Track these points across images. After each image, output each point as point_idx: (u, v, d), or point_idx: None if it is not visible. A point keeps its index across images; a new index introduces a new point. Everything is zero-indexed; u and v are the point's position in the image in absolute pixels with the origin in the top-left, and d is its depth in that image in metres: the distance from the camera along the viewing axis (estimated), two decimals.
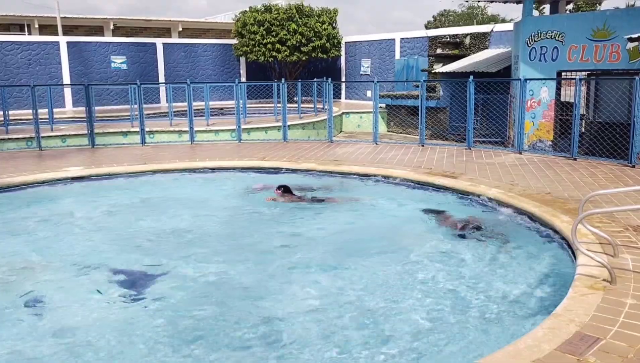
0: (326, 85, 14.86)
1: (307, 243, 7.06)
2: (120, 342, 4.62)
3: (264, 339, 4.64)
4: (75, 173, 10.56)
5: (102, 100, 20.37)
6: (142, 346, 4.55)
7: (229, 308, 5.25)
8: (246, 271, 6.13)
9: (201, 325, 4.89)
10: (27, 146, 13.77)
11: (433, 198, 9.10)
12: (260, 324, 4.89)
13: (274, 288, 5.67)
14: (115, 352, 4.47)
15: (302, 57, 21.65)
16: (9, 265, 6.38)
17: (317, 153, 12.62)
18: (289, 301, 5.36)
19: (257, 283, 5.82)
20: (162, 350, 4.48)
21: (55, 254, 6.74)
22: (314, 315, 5.04)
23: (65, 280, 6.00)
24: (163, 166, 11.25)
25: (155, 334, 4.75)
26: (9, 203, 9.01)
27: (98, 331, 4.81)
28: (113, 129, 14.93)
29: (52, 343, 4.62)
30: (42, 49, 20.39)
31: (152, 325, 4.91)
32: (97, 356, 4.42)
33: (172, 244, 7.08)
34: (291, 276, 5.97)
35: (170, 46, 22.86)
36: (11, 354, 4.46)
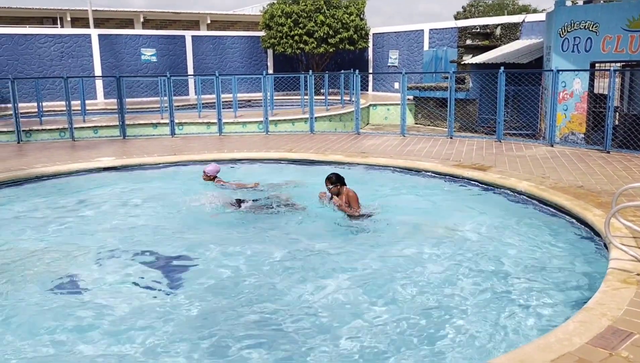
0: (353, 77, 14.81)
1: (333, 236, 7.07)
2: (150, 327, 4.72)
3: (301, 329, 4.68)
4: (107, 163, 10.77)
5: (133, 92, 20.68)
6: (172, 332, 4.64)
7: (261, 297, 5.30)
8: (277, 260, 6.17)
9: (231, 315, 4.94)
10: (60, 136, 14.08)
11: (462, 190, 9.02)
12: (296, 314, 4.94)
13: (308, 276, 5.71)
14: (146, 337, 4.57)
15: (329, 49, 21.60)
16: (44, 252, 6.54)
17: (343, 145, 12.60)
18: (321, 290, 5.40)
19: (289, 272, 5.84)
20: (192, 337, 4.56)
21: (88, 242, 6.89)
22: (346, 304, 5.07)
23: (97, 267, 6.13)
24: (192, 157, 11.39)
25: (186, 321, 4.83)
26: (43, 192, 9.23)
27: (131, 317, 4.92)
28: (143, 120, 15.17)
29: (87, 328, 4.73)
30: (74, 41, 20.78)
31: (182, 312, 5.00)
32: (129, 340, 4.52)
33: (204, 233, 7.15)
34: (325, 265, 6.01)
35: (198, 38, 23.06)
36: (50, 337, 4.60)
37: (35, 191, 9.32)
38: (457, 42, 19.30)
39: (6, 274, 5.89)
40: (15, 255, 6.46)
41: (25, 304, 5.20)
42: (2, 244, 6.82)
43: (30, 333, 4.66)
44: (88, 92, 18.34)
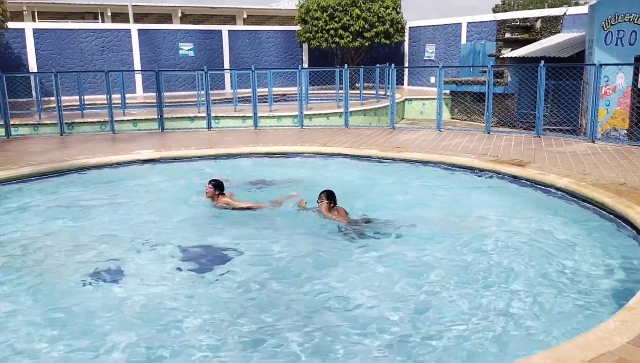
0: (389, 71, 14.72)
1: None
2: (189, 315, 4.82)
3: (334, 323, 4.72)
4: (146, 156, 11.00)
5: (171, 86, 21.02)
6: (210, 320, 4.73)
7: (296, 286, 5.35)
8: (317, 253, 6.21)
9: (265, 307, 5.00)
10: (101, 129, 14.45)
11: (500, 186, 8.89)
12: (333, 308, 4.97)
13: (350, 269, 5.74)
14: (184, 325, 4.68)
15: (364, 43, 21.50)
16: (85, 241, 6.74)
17: (378, 140, 12.56)
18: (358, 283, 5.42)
19: (327, 264, 5.88)
20: (229, 326, 4.65)
21: (128, 232, 7.06)
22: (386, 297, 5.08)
23: (136, 257, 6.28)
24: (228, 151, 11.53)
25: (224, 310, 4.92)
26: (85, 183, 9.50)
27: (166, 305, 5.04)
28: (180, 114, 15.43)
29: (127, 317, 4.86)
30: (114, 36, 21.25)
31: (220, 301, 5.09)
32: (170, 328, 4.64)
33: (241, 224, 7.23)
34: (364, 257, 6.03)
35: (235, 33, 23.27)
36: (94, 322, 4.75)
37: (78, 182, 9.59)
38: (496, 36, 18.94)
39: (48, 262, 6.10)
40: (57, 243, 6.68)
41: (64, 291, 5.37)
42: (46, 233, 7.05)
43: (70, 320, 4.82)
44: (128, 86, 18.74)
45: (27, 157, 10.84)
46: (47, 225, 7.35)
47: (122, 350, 4.30)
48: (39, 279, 5.66)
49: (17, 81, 16.56)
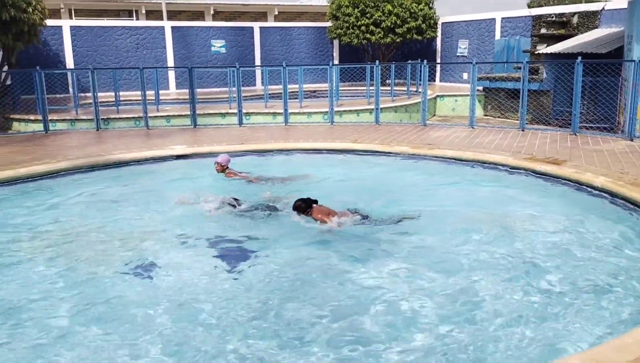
0: (421, 67, 14.58)
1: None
2: (222, 311, 4.88)
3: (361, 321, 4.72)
4: (179, 151, 11.16)
5: (203, 82, 21.25)
6: (239, 317, 4.79)
7: (327, 287, 5.37)
8: (347, 249, 6.22)
9: (295, 304, 5.03)
10: (135, 125, 14.71)
11: (535, 185, 8.74)
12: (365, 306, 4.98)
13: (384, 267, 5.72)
14: (217, 318, 4.74)
15: (396, 39, 21.35)
16: (120, 234, 6.87)
17: (409, 136, 12.47)
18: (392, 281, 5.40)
19: (361, 265, 5.88)
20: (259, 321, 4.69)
21: (163, 225, 7.18)
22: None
23: (171, 249, 6.39)
24: (259, 147, 11.61)
25: (254, 305, 4.97)
26: (120, 178, 9.70)
27: (203, 298, 5.11)
28: (212, 110, 15.59)
29: (161, 311, 4.94)
30: (148, 33, 21.59)
31: (248, 293, 5.14)
32: (202, 322, 4.71)
33: (272, 219, 7.28)
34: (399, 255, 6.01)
35: (266, 29, 23.38)
36: (130, 312, 4.85)
37: (113, 176, 9.79)
38: (531, 31, 18.59)
39: (84, 254, 6.24)
40: (93, 236, 6.83)
41: (100, 283, 5.49)
42: (82, 226, 7.22)
43: (107, 310, 4.94)
44: (161, 83, 19.01)
45: (65, 151, 11.12)
46: (84, 218, 7.53)
47: (157, 339, 4.39)
48: (75, 270, 5.80)
49: (55, 77, 16.99)
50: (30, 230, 7.06)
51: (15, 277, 5.67)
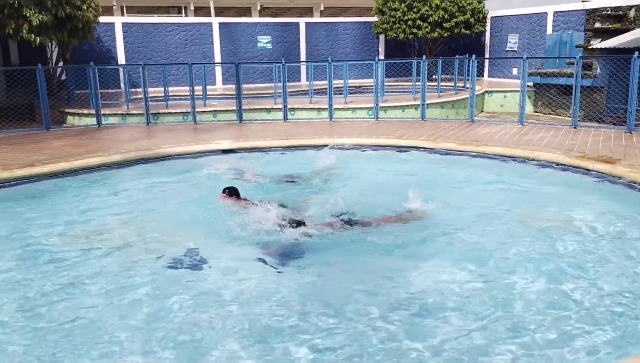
0: (469, 62, 14.29)
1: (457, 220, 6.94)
2: (267, 307, 4.92)
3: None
4: (225, 146, 11.33)
5: (249, 78, 21.50)
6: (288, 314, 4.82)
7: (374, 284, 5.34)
8: (394, 246, 6.18)
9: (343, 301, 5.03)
10: (183, 119, 15.02)
11: (587, 184, 8.45)
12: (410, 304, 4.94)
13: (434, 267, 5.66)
14: (262, 317, 4.79)
15: (443, 33, 21.01)
16: (169, 227, 7.00)
17: (456, 133, 12.26)
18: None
19: (406, 261, 5.83)
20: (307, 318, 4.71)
21: (208, 217, 7.27)
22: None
23: (216, 244, 6.46)
24: (303, 142, 11.65)
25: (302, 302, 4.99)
26: (169, 171, 9.92)
27: (249, 296, 5.16)
28: (258, 105, 15.75)
29: (209, 307, 5.02)
30: (197, 29, 21.97)
31: (298, 294, 5.16)
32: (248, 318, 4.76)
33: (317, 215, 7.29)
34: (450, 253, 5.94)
35: (312, 25, 23.42)
36: (171, 305, 4.97)
37: (162, 169, 10.03)
38: (585, 26, 17.94)
39: (133, 246, 6.39)
40: (141, 228, 6.98)
41: (145, 276, 5.61)
42: (132, 217, 7.42)
43: (150, 302, 5.05)
44: (208, 78, 19.32)
45: (117, 145, 11.46)
46: (132, 209, 7.73)
47: (199, 332, 4.47)
48: (121, 261, 5.95)
49: (107, 72, 17.52)
50: (82, 220, 7.30)
51: (64, 264, 5.87)
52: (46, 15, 14.36)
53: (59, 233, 6.83)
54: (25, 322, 4.74)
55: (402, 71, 18.64)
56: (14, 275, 5.68)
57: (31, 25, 14.27)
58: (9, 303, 5.07)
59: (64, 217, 7.43)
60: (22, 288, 5.37)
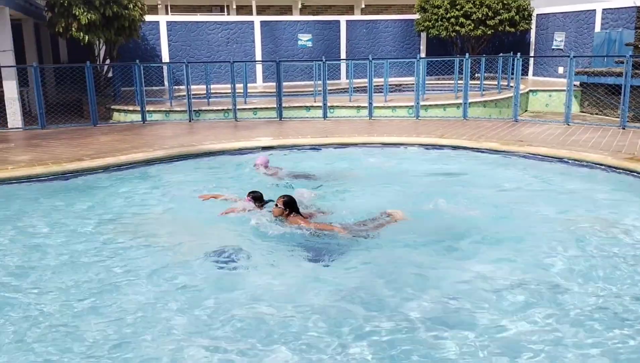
0: (514, 60, 14.00)
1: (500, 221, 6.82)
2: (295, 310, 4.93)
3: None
4: (265, 143, 11.43)
5: (288, 76, 21.59)
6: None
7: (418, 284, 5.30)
8: (437, 247, 6.12)
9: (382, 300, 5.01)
10: (224, 117, 15.22)
11: (634, 186, 8.17)
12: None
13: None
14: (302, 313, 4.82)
15: (487, 31, 20.61)
16: (210, 222, 7.07)
17: (499, 132, 12.03)
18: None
19: (451, 260, 5.76)
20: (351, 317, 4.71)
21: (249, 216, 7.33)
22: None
23: (255, 242, 6.48)
24: (342, 140, 11.64)
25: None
26: (211, 167, 10.08)
27: (288, 293, 5.19)
28: (297, 103, 15.82)
29: (245, 299, 5.08)
30: (239, 28, 22.21)
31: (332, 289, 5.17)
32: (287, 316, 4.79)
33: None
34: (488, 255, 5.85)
35: (352, 23, 23.34)
36: (209, 302, 5.02)
37: (204, 165, 10.20)
38: (635, 23, 17.32)
39: (172, 239, 6.50)
40: (184, 223, 7.11)
41: (189, 270, 5.69)
42: (176, 212, 7.57)
43: (196, 296, 5.14)
44: (249, 76, 19.50)
45: (160, 141, 11.72)
46: (175, 204, 7.88)
47: (243, 327, 4.53)
48: (160, 255, 6.07)
49: (151, 70, 17.91)
50: (128, 214, 7.50)
51: (108, 256, 6.04)
52: (94, 14, 14.79)
53: (104, 225, 7.01)
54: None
55: (443, 69, 18.39)
56: (60, 263, 5.88)
57: (80, 23, 14.73)
58: (56, 292, 5.25)
59: (110, 210, 7.64)
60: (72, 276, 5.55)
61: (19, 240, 6.59)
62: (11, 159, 10.03)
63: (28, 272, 5.67)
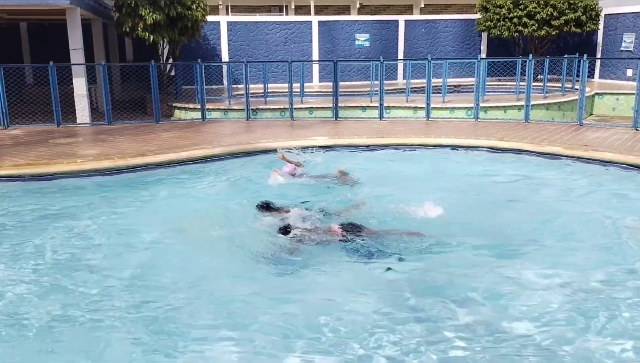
0: (580, 62, 13.47)
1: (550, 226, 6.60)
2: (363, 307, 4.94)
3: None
4: (321, 142, 11.47)
5: (345, 76, 21.57)
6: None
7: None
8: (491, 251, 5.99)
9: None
10: (280, 116, 15.40)
11: None
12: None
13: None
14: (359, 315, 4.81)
15: (551, 31, 19.94)
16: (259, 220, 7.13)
17: (563, 136, 11.61)
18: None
19: (498, 265, 5.63)
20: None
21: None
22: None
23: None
24: (399, 141, 11.54)
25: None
26: (266, 166, 10.19)
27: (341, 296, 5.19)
28: (353, 103, 15.80)
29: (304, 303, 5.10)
30: (297, 28, 22.41)
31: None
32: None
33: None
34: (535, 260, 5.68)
35: (411, 22, 23.12)
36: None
37: (261, 163, 10.33)
38: None
39: (236, 236, 6.58)
40: (242, 219, 7.21)
41: (249, 267, 5.74)
42: (233, 208, 7.71)
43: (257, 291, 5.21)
44: (305, 75, 19.65)
45: (219, 138, 11.99)
46: (232, 201, 8.01)
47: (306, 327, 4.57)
48: (225, 252, 6.16)
49: (211, 69, 18.33)
50: (188, 209, 7.71)
51: (164, 249, 6.24)
52: (160, 14, 15.28)
53: (164, 220, 7.24)
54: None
55: (504, 70, 17.92)
56: (122, 250, 6.13)
57: (146, 23, 15.24)
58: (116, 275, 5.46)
59: (172, 204, 7.89)
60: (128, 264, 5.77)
61: (103, 227, 6.94)
62: (80, 153, 10.52)
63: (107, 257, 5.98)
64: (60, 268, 5.78)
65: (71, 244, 6.45)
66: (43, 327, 4.60)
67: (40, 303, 5.00)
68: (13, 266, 5.81)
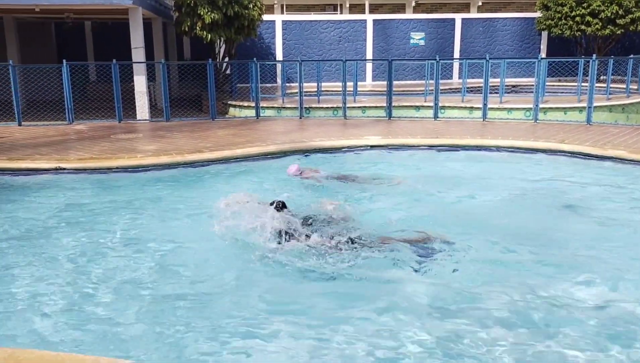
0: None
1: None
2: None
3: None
4: (374, 142, 11.42)
5: (399, 75, 21.38)
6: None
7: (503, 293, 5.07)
8: (524, 259, 5.81)
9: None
10: (333, 114, 15.43)
11: None
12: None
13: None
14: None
15: (616, 30, 19.12)
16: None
17: (627, 139, 11.12)
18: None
19: (533, 274, 5.45)
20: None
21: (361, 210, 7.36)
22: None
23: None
24: (454, 142, 11.34)
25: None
26: (322, 163, 10.25)
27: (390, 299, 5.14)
28: (406, 103, 15.65)
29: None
30: (351, 27, 22.38)
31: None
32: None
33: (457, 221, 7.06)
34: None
35: (468, 21, 22.68)
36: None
37: (314, 161, 10.40)
38: None
39: None
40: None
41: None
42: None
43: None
44: (358, 74, 19.61)
45: (273, 136, 12.13)
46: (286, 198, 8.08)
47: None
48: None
49: (265, 67, 18.55)
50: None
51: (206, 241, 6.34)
52: (217, 13, 15.59)
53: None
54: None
55: (565, 71, 17.33)
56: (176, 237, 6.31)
57: (204, 22, 15.58)
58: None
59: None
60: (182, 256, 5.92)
61: (161, 219, 7.22)
62: (140, 148, 10.88)
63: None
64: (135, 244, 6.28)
65: (139, 227, 6.80)
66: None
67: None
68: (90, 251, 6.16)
